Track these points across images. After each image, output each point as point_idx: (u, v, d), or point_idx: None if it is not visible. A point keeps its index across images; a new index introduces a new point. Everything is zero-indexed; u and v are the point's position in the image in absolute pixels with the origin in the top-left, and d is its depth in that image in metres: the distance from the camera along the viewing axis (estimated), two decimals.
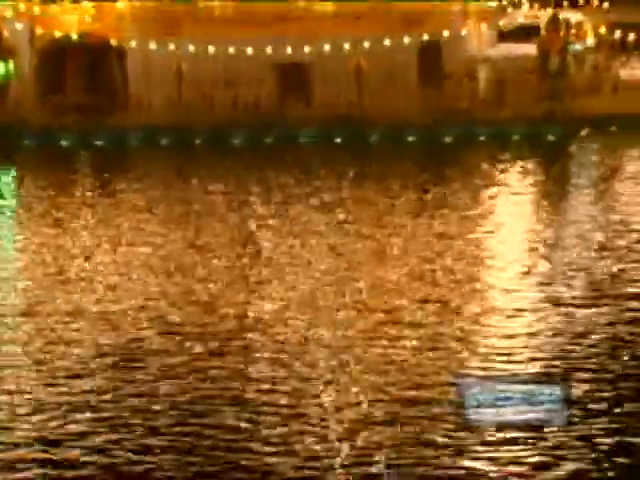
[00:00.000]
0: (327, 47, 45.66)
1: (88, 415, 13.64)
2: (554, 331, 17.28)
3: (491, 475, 12.39)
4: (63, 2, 48.51)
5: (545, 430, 13.77)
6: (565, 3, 50.68)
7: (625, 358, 16.13)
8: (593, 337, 16.91)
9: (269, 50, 45.70)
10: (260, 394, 14.38)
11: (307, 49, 45.85)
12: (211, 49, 45.40)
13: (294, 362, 15.68)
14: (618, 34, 49.03)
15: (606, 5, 52.48)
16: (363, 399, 14.04)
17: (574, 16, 49.44)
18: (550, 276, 21.29)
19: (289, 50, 45.88)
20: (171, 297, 19.46)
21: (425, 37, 46.51)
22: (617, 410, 13.99)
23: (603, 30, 49.40)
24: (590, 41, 49.29)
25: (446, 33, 46.33)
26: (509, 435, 13.70)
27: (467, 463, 12.61)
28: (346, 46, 45.66)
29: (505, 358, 16.07)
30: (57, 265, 22.78)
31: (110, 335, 17.15)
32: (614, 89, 48.46)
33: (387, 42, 45.67)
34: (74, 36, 47.31)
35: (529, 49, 47.24)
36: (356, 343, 16.47)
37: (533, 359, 16.09)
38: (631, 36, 48.77)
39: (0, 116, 46.19)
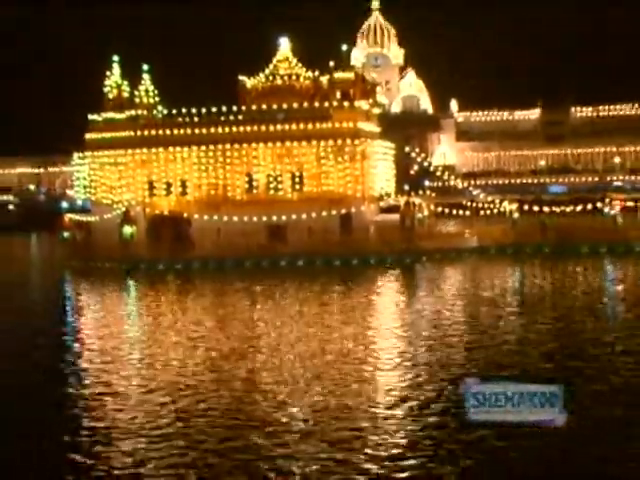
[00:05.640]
0: (294, 217, 63.40)
1: None
2: None
3: None
4: (160, 196, 68.53)
5: None
6: (412, 193, 68.07)
7: None
8: None
9: (264, 218, 63.67)
10: None
11: (284, 217, 63.63)
12: (235, 218, 63.70)
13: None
14: (440, 209, 68.55)
15: (434, 194, 72.96)
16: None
17: (417, 199, 67.16)
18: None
19: (274, 218, 63.58)
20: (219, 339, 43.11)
21: (343, 211, 63.99)
22: None
23: (432, 207, 68.69)
24: (426, 212, 67.29)
25: (353, 209, 64.21)
26: None
27: None
28: (303, 216, 63.08)
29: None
30: (169, 325, 44.59)
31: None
32: (438, 236, 67.94)
33: (324, 213, 63.39)
34: (166, 213, 67.20)
35: (395, 217, 65.35)
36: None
37: None
38: (447, 210, 68.15)
39: (130, 255, 63.68)
